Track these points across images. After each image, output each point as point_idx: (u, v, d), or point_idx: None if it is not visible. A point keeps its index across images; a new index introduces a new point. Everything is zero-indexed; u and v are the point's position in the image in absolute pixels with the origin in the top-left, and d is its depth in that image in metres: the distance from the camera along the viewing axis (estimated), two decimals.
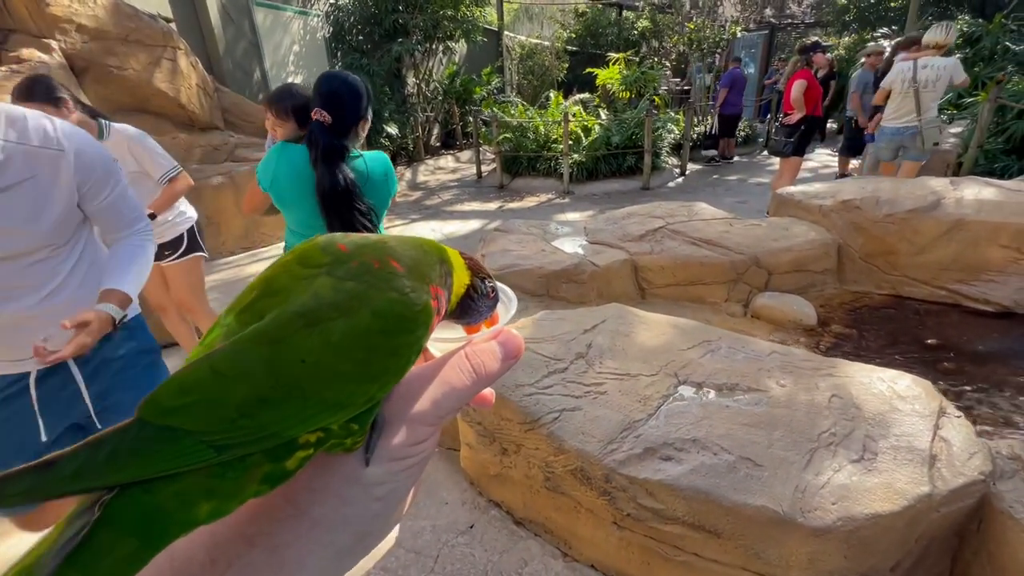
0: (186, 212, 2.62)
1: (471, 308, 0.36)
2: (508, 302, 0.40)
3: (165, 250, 2.54)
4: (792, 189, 3.73)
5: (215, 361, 0.25)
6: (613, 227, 3.62)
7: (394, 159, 9.17)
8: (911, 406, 1.52)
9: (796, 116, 4.99)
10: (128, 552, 0.22)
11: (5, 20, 3.68)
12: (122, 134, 2.22)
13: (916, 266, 3.01)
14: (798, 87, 4.90)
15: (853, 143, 6.50)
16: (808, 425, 1.50)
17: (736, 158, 9.13)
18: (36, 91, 1.87)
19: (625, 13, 15.49)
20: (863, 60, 6.51)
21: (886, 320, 2.87)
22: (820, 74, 6.35)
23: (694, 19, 11.63)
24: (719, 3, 12.81)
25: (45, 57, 3.71)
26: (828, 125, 10.04)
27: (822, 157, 8.58)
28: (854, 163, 6.84)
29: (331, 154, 1.61)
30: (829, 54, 7.49)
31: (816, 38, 5.34)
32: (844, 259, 3.26)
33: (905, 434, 1.43)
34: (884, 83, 4.55)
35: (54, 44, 3.82)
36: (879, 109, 4.78)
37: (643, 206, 3.96)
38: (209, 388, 0.24)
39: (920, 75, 4.22)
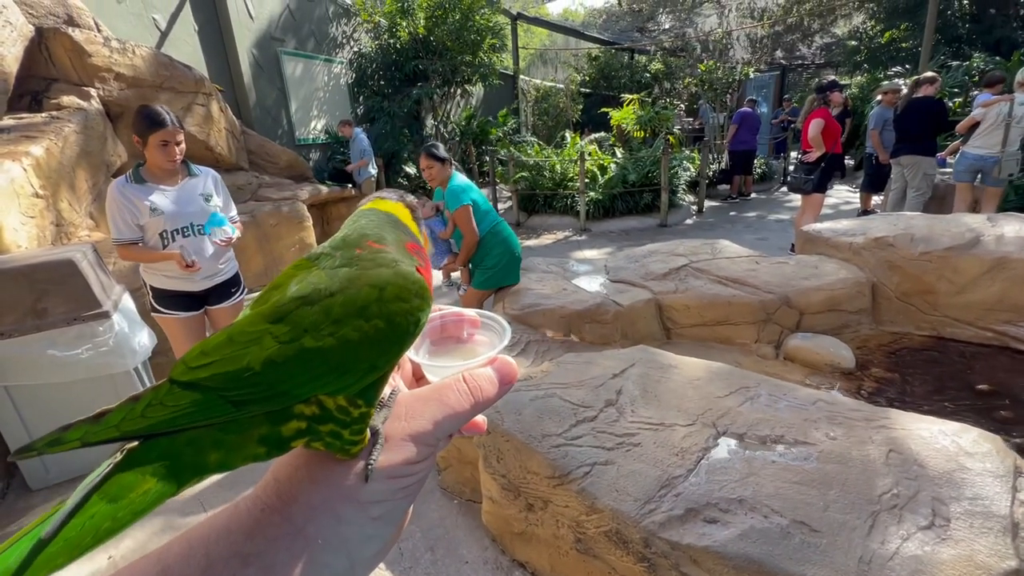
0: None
1: (425, 225, 0.41)
2: (502, 331, 0.41)
3: (232, 287, 2.55)
4: (819, 226, 3.64)
5: (231, 331, 0.29)
6: (635, 265, 3.55)
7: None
8: (982, 464, 1.38)
9: (815, 154, 4.95)
10: (149, 488, 0.25)
11: (49, 70, 3.87)
12: (211, 173, 2.49)
13: (958, 306, 2.87)
14: (815, 126, 4.89)
15: (874, 179, 6.43)
16: (866, 484, 1.36)
17: (753, 195, 9.09)
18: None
19: (636, 56, 15.97)
20: (879, 98, 6.52)
21: (930, 363, 2.71)
22: (834, 112, 6.37)
23: (705, 61, 11.88)
24: (730, 46, 13.12)
25: (84, 104, 3.87)
26: (846, 162, 10.00)
27: (842, 193, 8.51)
28: (876, 199, 6.74)
29: None
30: (843, 93, 7.54)
31: (833, 77, 5.37)
32: (879, 298, 3.13)
33: (979, 497, 1.28)
34: (975, 114, 4.94)
35: (93, 92, 4.00)
36: (933, 136, 5.24)
37: (665, 243, 3.89)
38: (226, 351, 0.28)
39: (1016, 111, 4.62)
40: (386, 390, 0.34)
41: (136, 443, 0.27)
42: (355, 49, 8.96)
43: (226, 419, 0.27)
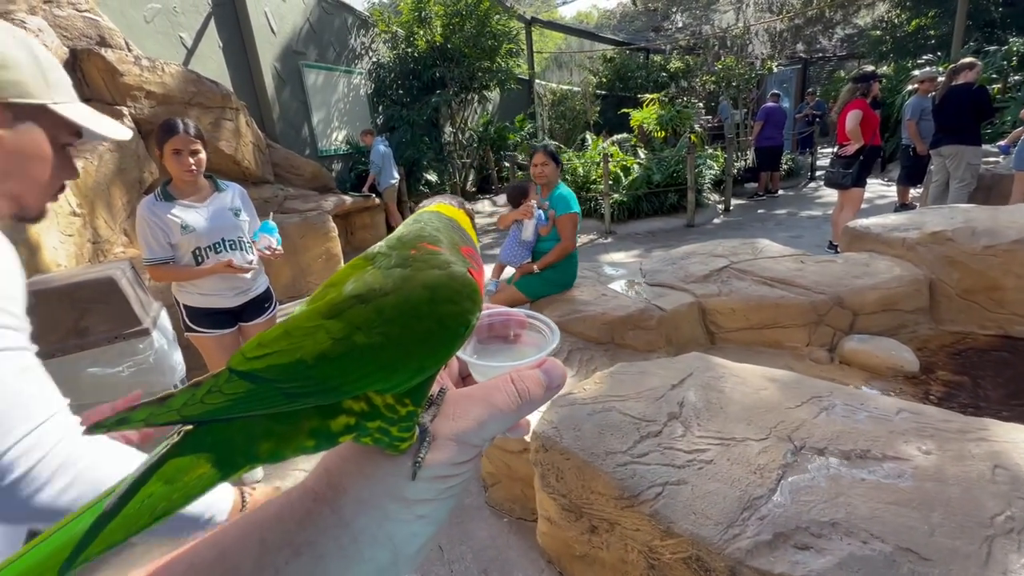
0: None
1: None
2: (550, 333, 0.40)
3: (264, 302, 2.50)
4: (867, 222, 3.48)
5: (287, 325, 0.30)
6: (672, 267, 3.44)
7: None
8: None
9: (853, 147, 4.77)
10: (202, 472, 0.27)
11: (83, 90, 3.93)
12: (236, 187, 2.42)
13: None
14: (853, 117, 4.70)
15: (912, 171, 6.18)
16: (973, 505, 1.24)
17: (780, 191, 8.87)
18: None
19: (652, 56, 15.80)
20: (914, 86, 6.29)
21: (1002, 365, 2.54)
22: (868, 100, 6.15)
23: (723, 58, 11.68)
24: (748, 41, 12.88)
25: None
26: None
27: (875, 187, 8.22)
28: (914, 192, 6.49)
29: None
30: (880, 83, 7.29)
31: (872, 68, 5.15)
32: (937, 296, 2.96)
33: None
34: None
35: (125, 110, 4.05)
36: (975, 124, 5.00)
37: (702, 244, 3.77)
38: (282, 344, 0.29)
39: None
40: (435, 388, 0.34)
41: (192, 427, 0.28)
42: (374, 59, 9.02)
43: (279, 410, 0.28)
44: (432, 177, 8.84)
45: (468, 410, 0.32)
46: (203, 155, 2.17)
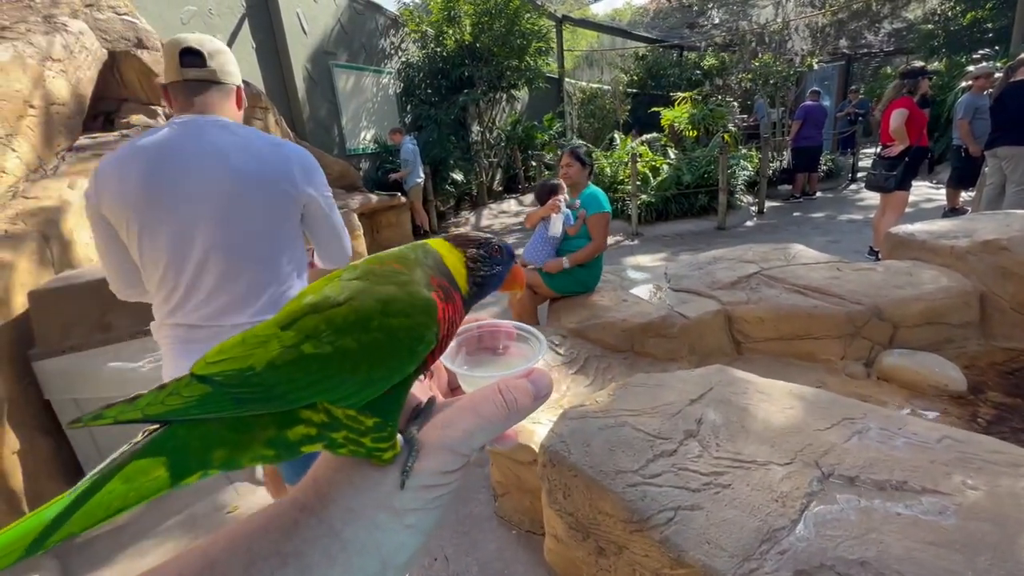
0: None
1: (484, 278, 0.38)
2: (537, 343, 0.40)
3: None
4: (911, 227, 3.26)
5: (246, 333, 0.31)
6: (699, 273, 3.30)
7: (458, 204, 9.34)
8: None
9: (898, 148, 4.50)
10: (157, 475, 0.28)
11: (120, 91, 4.07)
12: None
13: None
14: (898, 116, 4.43)
15: (963, 174, 5.81)
16: None
17: (818, 194, 8.49)
18: None
19: (686, 53, 15.43)
20: (967, 83, 5.91)
21: None
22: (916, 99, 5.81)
23: (760, 55, 11.28)
24: (788, 37, 12.40)
25: (151, 121, 4.04)
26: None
27: (921, 190, 7.78)
28: (965, 196, 6.10)
29: None
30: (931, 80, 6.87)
31: (921, 63, 4.80)
32: (989, 310, 2.74)
33: None
34: None
35: (159, 110, 4.16)
36: None
37: (731, 249, 3.61)
38: (237, 351, 0.30)
39: None
40: (423, 398, 0.35)
41: (158, 430, 0.29)
42: (403, 59, 9.08)
43: (230, 414, 0.29)
44: (458, 176, 8.84)
45: (456, 420, 0.32)
46: None
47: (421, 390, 0.37)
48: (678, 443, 1.52)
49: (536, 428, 1.98)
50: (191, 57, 1.29)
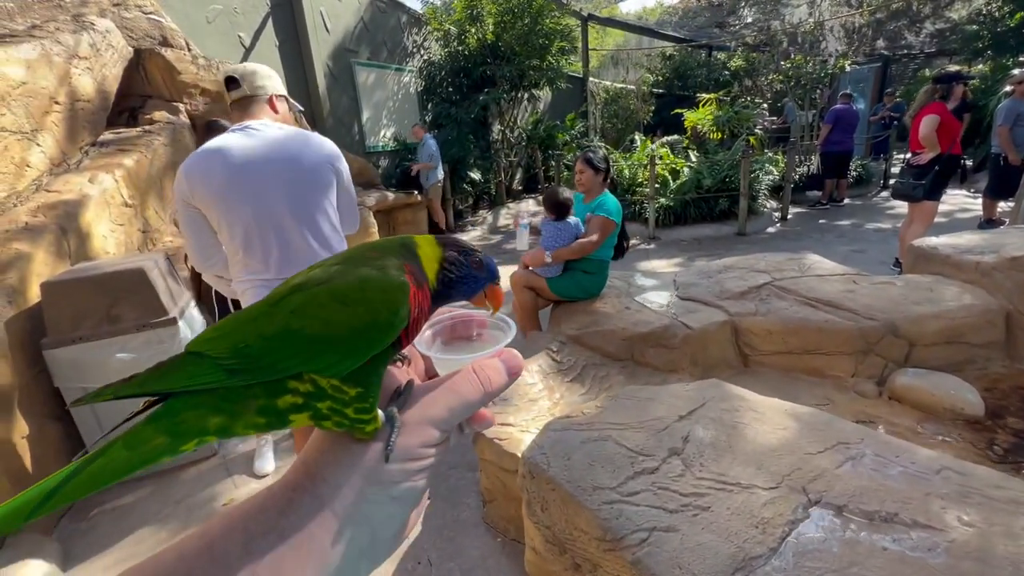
0: None
1: (455, 279, 0.40)
2: (507, 328, 0.44)
3: None
4: (935, 240, 3.12)
5: (240, 312, 0.34)
6: (708, 282, 3.22)
7: (476, 203, 9.35)
8: None
9: (928, 155, 4.30)
10: (160, 443, 0.30)
11: (144, 88, 4.19)
12: None
13: None
14: (929, 123, 4.23)
15: (1001, 183, 5.52)
16: None
17: (847, 200, 8.21)
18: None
19: (715, 54, 15.10)
20: (1009, 88, 5.61)
21: None
22: (950, 106, 5.55)
23: (792, 55, 10.94)
24: (822, 37, 11.99)
25: (173, 119, 4.15)
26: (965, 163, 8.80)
27: (957, 199, 7.44)
28: (1003, 206, 5.81)
29: None
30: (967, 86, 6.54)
31: (956, 67, 4.54)
32: (1015, 330, 2.59)
33: None
34: None
35: (181, 107, 4.28)
36: None
37: (743, 258, 3.52)
38: (229, 326, 0.33)
39: None
40: (402, 380, 0.38)
41: (159, 403, 0.31)
42: (425, 57, 9.12)
43: (223, 384, 0.31)
44: (476, 176, 8.84)
45: (435, 398, 0.34)
46: None
47: (400, 375, 0.40)
48: (660, 460, 1.48)
49: (524, 437, 1.95)
50: (231, 83, 1.73)
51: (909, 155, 4.56)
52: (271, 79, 1.80)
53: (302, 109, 2.23)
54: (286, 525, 0.29)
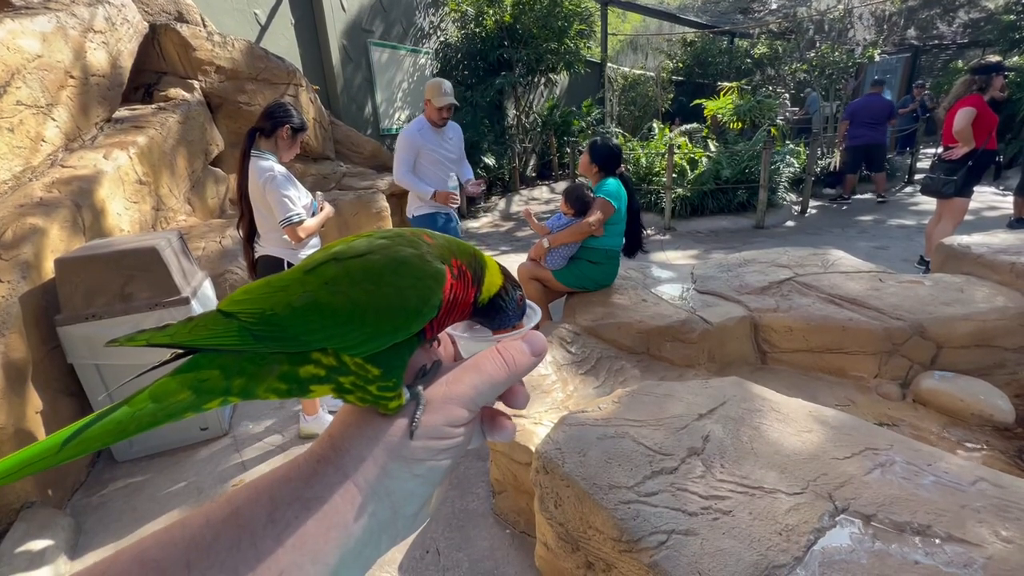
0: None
1: (500, 309, 0.41)
2: (532, 313, 0.44)
3: None
4: (967, 239, 3.00)
5: (271, 277, 0.34)
6: (727, 275, 3.14)
7: (489, 189, 9.25)
8: None
9: (961, 150, 4.14)
10: (185, 398, 0.30)
11: (160, 64, 4.15)
12: (255, 173, 2.25)
13: None
14: (964, 116, 4.06)
15: None
16: None
17: (883, 196, 7.92)
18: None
19: (737, 40, 14.71)
20: None
21: None
22: (987, 97, 5.31)
23: (818, 44, 10.61)
24: (850, 25, 11.59)
25: (188, 95, 4.11)
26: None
27: (985, 196, 7.20)
28: None
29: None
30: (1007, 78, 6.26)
31: (997, 58, 4.32)
32: None
33: None
34: None
35: (196, 84, 4.24)
36: None
37: (764, 252, 3.42)
38: (260, 292, 0.33)
39: None
40: (428, 361, 0.38)
41: (185, 358, 0.32)
42: (441, 39, 8.97)
43: (248, 348, 0.31)
44: (490, 161, 8.74)
45: (461, 378, 0.34)
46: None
47: (427, 356, 0.39)
48: (680, 460, 1.43)
49: (536, 429, 1.92)
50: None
51: (940, 149, 4.39)
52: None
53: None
54: (310, 496, 0.29)
